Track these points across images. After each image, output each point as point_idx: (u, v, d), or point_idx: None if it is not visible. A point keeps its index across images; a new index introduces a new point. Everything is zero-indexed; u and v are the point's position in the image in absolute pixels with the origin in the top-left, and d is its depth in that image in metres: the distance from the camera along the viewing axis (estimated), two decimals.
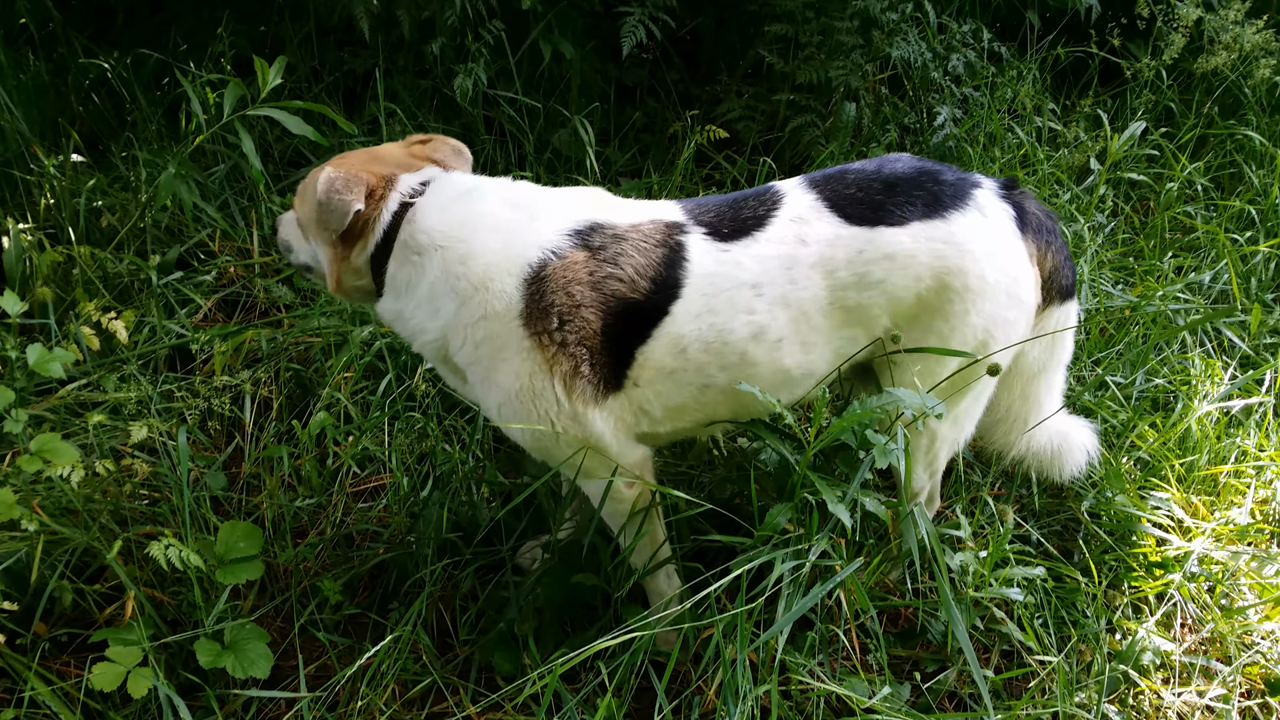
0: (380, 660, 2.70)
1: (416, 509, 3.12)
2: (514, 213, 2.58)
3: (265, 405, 3.50)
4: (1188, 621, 3.16)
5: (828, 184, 2.66)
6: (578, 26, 4.86)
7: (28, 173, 4.02)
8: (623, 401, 2.61)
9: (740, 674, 2.48)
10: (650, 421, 2.67)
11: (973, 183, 2.70)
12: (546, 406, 2.53)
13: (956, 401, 2.82)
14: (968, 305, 2.64)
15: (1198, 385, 3.76)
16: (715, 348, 2.56)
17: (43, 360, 2.52)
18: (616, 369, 2.56)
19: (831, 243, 2.58)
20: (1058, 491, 3.51)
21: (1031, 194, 2.82)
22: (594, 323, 2.49)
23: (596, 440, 2.60)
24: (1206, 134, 5.32)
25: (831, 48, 4.79)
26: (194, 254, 4.03)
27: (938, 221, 2.61)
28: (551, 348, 2.49)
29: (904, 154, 2.85)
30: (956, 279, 2.61)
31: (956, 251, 2.61)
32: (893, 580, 3.10)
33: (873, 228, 2.59)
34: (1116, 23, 5.29)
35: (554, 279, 2.48)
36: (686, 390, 2.62)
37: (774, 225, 2.59)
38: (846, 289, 2.59)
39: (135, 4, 5.18)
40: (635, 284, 2.51)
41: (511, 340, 2.49)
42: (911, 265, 2.59)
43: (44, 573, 2.70)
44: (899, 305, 2.63)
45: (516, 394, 2.52)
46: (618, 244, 2.53)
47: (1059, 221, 2.92)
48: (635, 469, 2.68)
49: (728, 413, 2.72)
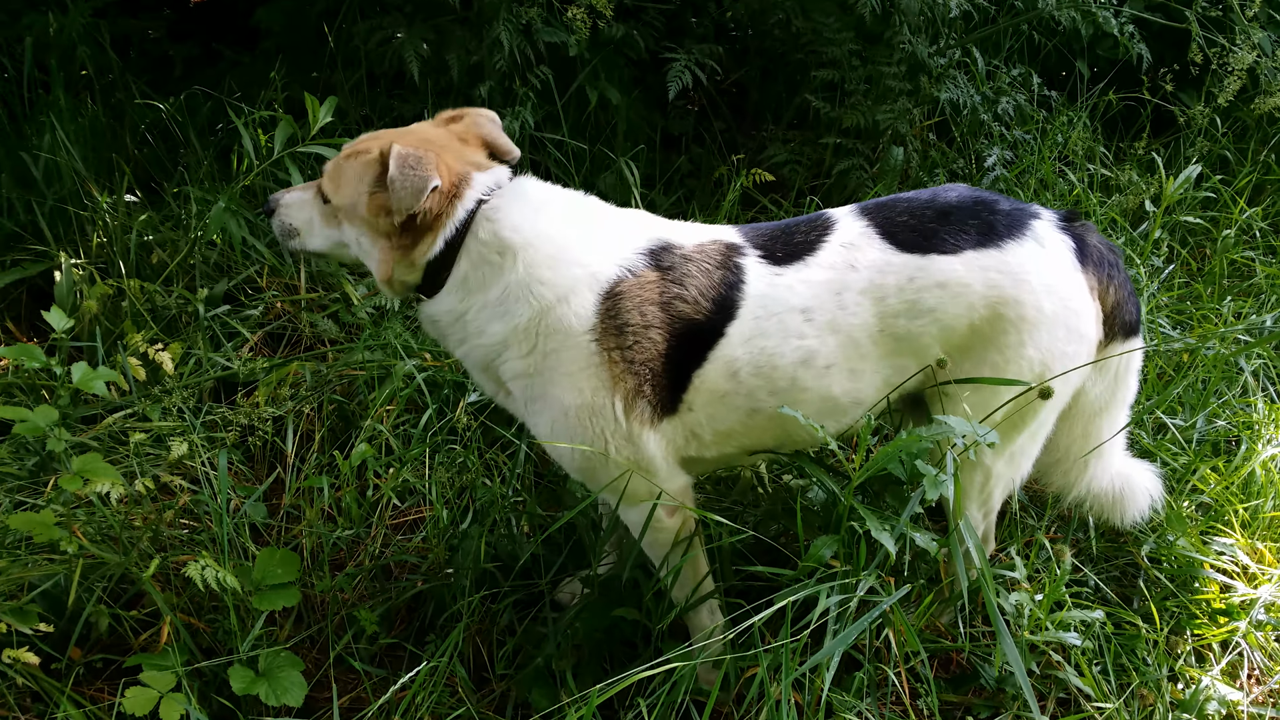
0: (415, 692, 2.64)
1: (456, 541, 3.08)
2: (594, 226, 2.57)
3: (307, 437, 3.49)
4: (1254, 671, 3.02)
5: (879, 211, 2.62)
6: (624, 74, 4.91)
7: (82, 209, 4.09)
8: (676, 425, 2.57)
9: (785, 712, 2.39)
10: (699, 445, 2.62)
11: (1031, 213, 2.65)
12: (604, 425, 2.49)
13: (1012, 438, 2.73)
14: (1023, 337, 2.57)
15: (1261, 429, 3.63)
16: (765, 372, 2.52)
17: (87, 378, 2.53)
18: (674, 392, 2.53)
19: (882, 269, 2.53)
20: (1116, 536, 3.39)
21: (1093, 226, 2.76)
22: (659, 344, 2.47)
23: (647, 463, 2.55)
24: (1264, 181, 5.22)
25: (879, 94, 4.79)
26: (242, 289, 4.06)
27: (992, 250, 2.56)
28: (619, 365, 2.46)
29: (960, 184, 2.81)
30: (1011, 309, 2.55)
31: (1012, 281, 2.54)
32: (944, 623, 2.99)
33: (924, 255, 2.54)
34: (1170, 69, 5.24)
35: (629, 297, 2.45)
36: (735, 415, 2.58)
37: (825, 250, 2.56)
38: (897, 316, 2.54)
39: (192, 55, 5.33)
40: (699, 305, 2.49)
41: (581, 355, 2.45)
42: (965, 294, 2.54)
43: (81, 597, 2.69)
44: (951, 335, 2.57)
45: (576, 410, 2.48)
46: (685, 265, 2.51)
47: (1122, 255, 2.85)
48: (678, 497, 2.62)
49: (773, 440, 2.67)
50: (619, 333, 2.45)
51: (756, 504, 3.30)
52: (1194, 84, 5.41)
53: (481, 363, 2.57)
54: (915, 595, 2.86)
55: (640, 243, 2.53)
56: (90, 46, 4.70)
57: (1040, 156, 4.97)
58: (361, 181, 2.46)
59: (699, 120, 5.35)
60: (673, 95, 4.58)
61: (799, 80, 5.12)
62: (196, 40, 5.44)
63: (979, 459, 2.70)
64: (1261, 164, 5.26)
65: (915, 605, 2.83)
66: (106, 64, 4.80)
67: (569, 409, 2.49)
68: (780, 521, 3.15)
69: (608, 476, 2.57)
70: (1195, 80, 5.36)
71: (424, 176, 2.36)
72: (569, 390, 2.48)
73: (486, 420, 3.53)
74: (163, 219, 4.19)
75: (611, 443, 2.51)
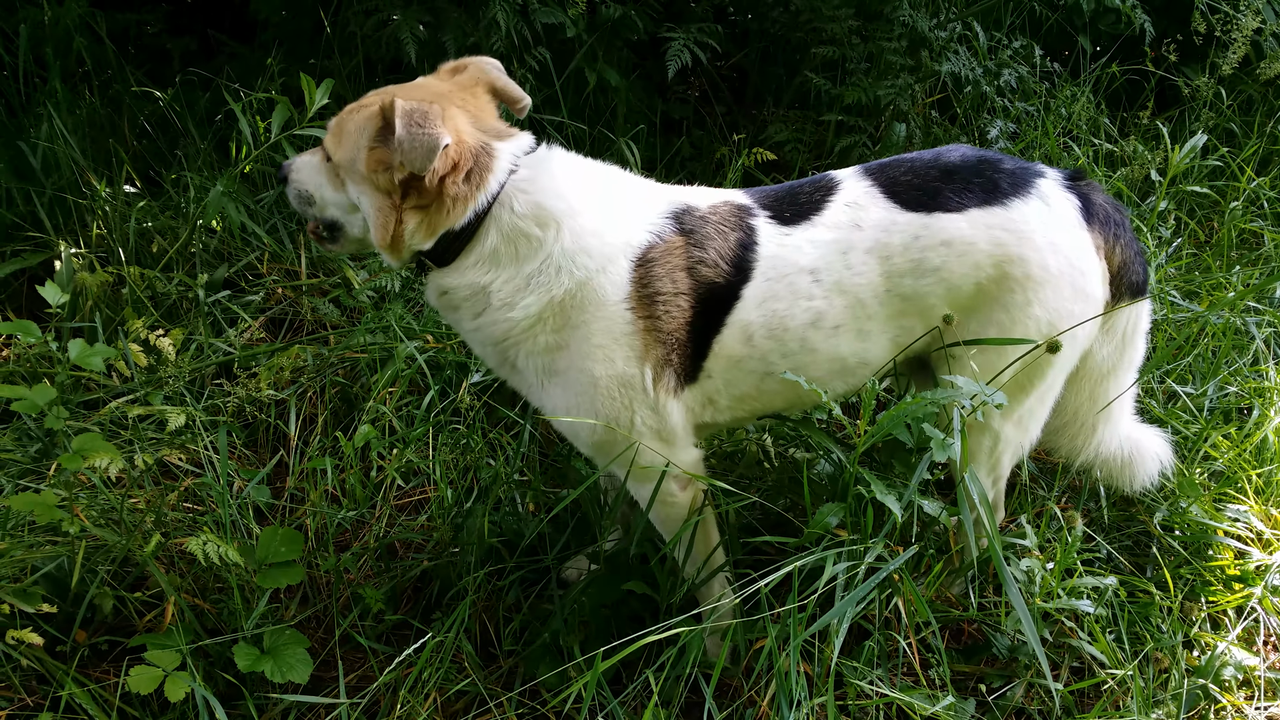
0: (422, 668, 2.62)
1: (460, 520, 3.06)
2: (623, 193, 2.52)
3: (310, 420, 3.47)
4: (1271, 637, 2.99)
5: (883, 171, 2.60)
6: (623, 56, 4.88)
7: (81, 199, 4.07)
8: (695, 393, 2.56)
9: (795, 681, 2.37)
10: (714, 411, 2.61)
11: (1036, 171, 2.62)
12: (632, 395, 2.46)
13: (1020, 401, 2.70)
14: (1029, 296, 2.54)
15: (1273, 396, 3.59)
16: (777, 334, 2.51)
17: (84, 355, 2.50)
18: (696, 360, 2.51)
19: (887, 228, 2.51)
20: (1127, 505, 3.36)
21: (1099, 185, 2.72)
22: (686, 310, 2.45)
23: (669, 433, 2.53)
24: (1271, 151, 5.17)
25: (880, 70, 4.75)
26: (242, 275, 4.04)
27: (997, 209, 2.53)
28: (650, 334, 2.43)
29: (963, 144, 2.78)
30: (1017, 268, 2.52)
31: (1017, 239, 2.52)
32: (955, 594, 2.96)
33: (929, 214, 2.51)
34: (1173, 40, 5.19)
35: (660, 264, 2.43)
36: (750, 379, 2.56)
37: (830, 210, 2.54)
38: (903, 276, 2.51)
39: (190, 49, 5.31)
40: (719, 268, 2.47)
41: (615, 325, 2.41)
42: (970, 253, 2.51)
43: (85, 579, 2.67)
44: (957, 294, 2.54)
45: (606, 381, 2.43)
46: (704, 226, 2.49)
47: (1128, 214, 2.81)
48: (692, 469, 2.60)
49: (784, 403, 2.65)
50: (651, 301, 2.42)
51: (762, 478, 3.27)
52: (1198, 55, 5.37)
53: (498, 338, 2.46)
54: (925, 565, 2.82)
55: (663, 207, 2.50)
56: (87, 38, 4.68)
57: (1044, 130, 4.93)
58: (361, 135, 2.34)
59: (699, 103, 5.32)
60: (672, 75, 4.55)
61: (799, 59, 5.09)
62: (194, 34, 5.42)
63: (987, 422, 2.67)
64: (1269, 135, 5.21)
65: (925, 575, 2.80)
66: (104, 56, 4.78)
67: (599, 380, 2.43)
68: (787, 494, 3.13)
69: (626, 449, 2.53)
70: (1199, 51, 5.32)
71: (434, 134, 2.22)
72: (600, 361, 2.43)
73: (490, 400, 3.50)
74: (162, 207, 4.18)
75: (638, 413, 2.48)
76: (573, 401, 2.48)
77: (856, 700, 2.55)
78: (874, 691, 2.49)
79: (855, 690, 2.53)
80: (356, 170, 2.38)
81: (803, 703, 2.38)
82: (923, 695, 2.51)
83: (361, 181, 2.39)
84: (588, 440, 2.57)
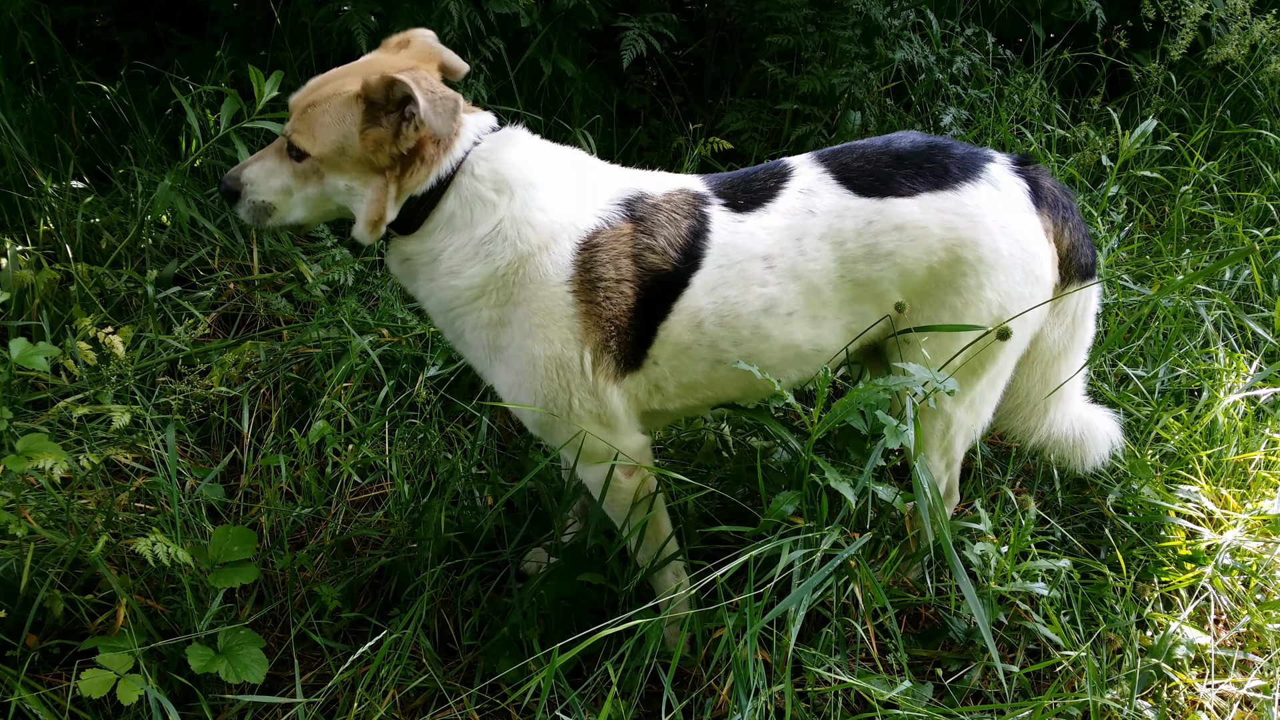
0: (379, 665, 2.60)
1: (418, 515, 3.03)
2: (579, 175, 2.54)
3: (264, 417, 3.43)
4: (1222, 616, 3.03)
5: (835, 157, 2.61)
6: (578, 46, 4.85)
7: (26, 195, 4.00)
8: (639, 379, 2.56)
9: (752, 669, 2.37)
10: (662, 398, 2.61)
11: (984, 156, 2.64)
12: (570, 378, 2.46)
13: (972, 385, 2.72)
14: (981, 279, 2.56)
15: (1222, 377, 3.65)
16: (729, 321, 2.51)
17: (26, 354, 2.45)
18: (639, 347, 2.51)
19: (840, 214, 2.52)
20: (1081, 487, 3.40)
21: (1047, 170, 2.75)
22: (630, 297, 2.45)
23: (609, 418, 2.54)
24: (1220, 135, 5.24)
25: (835, 58, 4.76)
26: (194, 271, 3.98)
27: (948, 193, 2.54)
28: (590, 318, 2.43)
29: (913, 131, 2.79)
30: (969, 251, 2.54)
31: (968, 223, 2.53)
32: (911, 579, 2.98)
33: (881, 199, 2.53)
34: (1124, 26, 5.24)
35: (605, 249, 2.43)
36: (700, 366, 2.56)
37: (784, 197, 2.55)
38: (856, 261, 2.52)
39: (140, 41, 5.22)
40: (667, 255, 2.47)
41: (556, 307, 2.42)
42: (922, 237, 2.52)
43: (34, 582, 2.62)
44: (910, 279, 2.56)
45: (544, 361, 2.45)
46: (655, 214, 2.49)
47: (1075, 199, 2.84)
48: (635, 456, 2.60)
49: (736, 391, 2.65)
50: (593, 286, 2.43)
51: (720, 467, 3.27)
52: (1148, 41, 5.43)
53: (445, 305, 2.50)
54: (881, 551, 2.84)
55: (615, 193, 2.51)
56: (32, 31, 4.59)
57: (997, 117, 4.96)
58: (346, 122, 2.35)
59: (656, 93, 5.30)
60: (627, 64, 4.53)
61: (755, 49, 5.08)
62: (144, 27, 5.33)
63: (939, 406, 2.69)
64: (1217, 119, 5.28)
65: (881, 561, 2.81)
66: (49, 50, 4.69)
67: (537, 360, 2.45)
68: (745, 484, 3.13)
69: (568, 432, 2.54)
70: (1149, 38, 5.38)
71: (449, 94, 2.30)
72: (539, 341, 2.44)
73: (446, 394, 3.48)
74: (110, 203, 4.10)
75: (576, 396, 2.48)
76: (514, 380, 2.50)
77: (815, 687, 2.56)
78: (832, 678, 2.50)
79: (814, 677, 2.54)
80: (348, 157, 2.39)
81: (761, 690, 2.38)
82: (880, 680, 2.53)
83: (352, 167, 2.40)
84: (531, 419, 2.59)
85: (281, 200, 2.50)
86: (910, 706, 2.44)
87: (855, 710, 2.59)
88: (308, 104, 2.41)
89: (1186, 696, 2.76)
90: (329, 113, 2.37)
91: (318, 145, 2.40)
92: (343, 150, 2.38)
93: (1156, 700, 2.71)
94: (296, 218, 2.54)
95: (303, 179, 2.47)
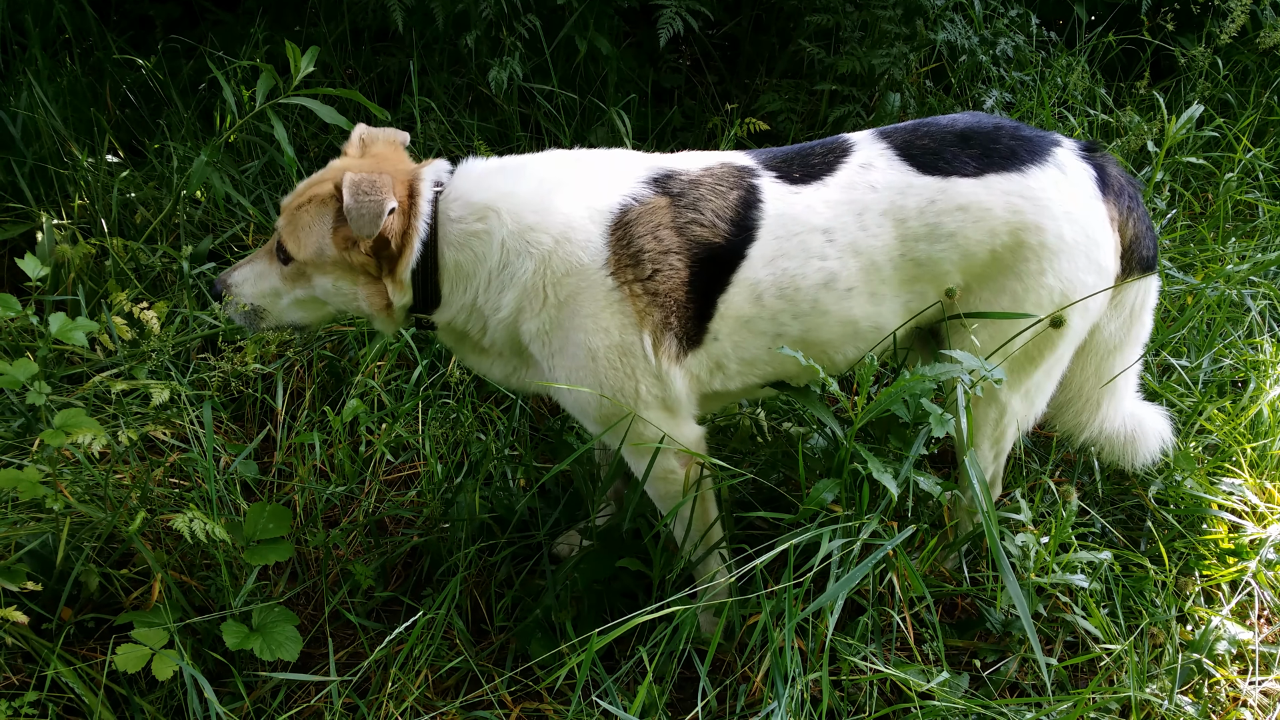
0: (412, 644, 2.59)
1: (450, 495, 3.02)
2: (573, 168, 2.53)
3: (298, 394, 3.43)
4: (1265, 611, 2.98)
5: (899, 134, 2.58)
6: (614, 24, 4.80)
7: (62, 169, 4.00)
8: (701, 358, 2.52)
9: (789, 657, 2.35)
10: (724, 377, 2.58)
11: (1052, 140, 2.59)
12: (634, 363, 2.44)
13: (1029, 374, 2.68)
14: (1044, 265, 2.52)
15: (1268, 369, 3.58)
16: (788, 294, 2.48)
17: (65, 329, 2.45)
18: (699, 322, 2.47)
19: (903, 191, 2.48)
20: (1121, 479, 3.34)
21: (1114, 157, 2.69)
22: (681, 271, 2.42)
23: (674, 402, 2.51)
24: (1267, 122, 5.13)
25: (874, 38, 4.69)
26: (228, 247, 3.98)
27: (1015, 175, 2.50)
28: (644, 298, 2.41)
29: (977, 111, 2.74)
30: (1033, 235, 2.49)
31: (1034, 207, 2.49)
32: (949, 569, 2.95)
33: (946, 178, 2.49)
34: (1170, 8, 5.14)
35: (640, 223, 2.40)
36: (760, 341, 2.53)
37: (843, 171, 2.51)
38: (918, 240, 2.48)
39: (174, 15, 5.21)
40: (715, 227, 2.44)
41: (599, 293, 2.40)
42: (986, 218, 2.48)
43: (70, 556, 2.63)
44: (972, 261, 2.51)
45: (605, 352, 2.42)
46: (695, 189, 2.46)
47: (1141, 188, 2.78)
48: (693, 446, 2.57)
49: (795, 367, 2.61)
50: (635, 262, 2.40)
51: (755, 453, 3.24)
52: (1195, 25, 5.32)
53: (509, 342, 2.52)
54: (919, 540, 2.81)
55: (640, 173, 2.49)
56: (67, 5, 4.59)
57: (1040, 100, 4.87)
58: (321, 223, 2.41)
59: (691, 73, 5.25)
60: (663, 43, 4.48)
61: (792, 28, 5.02)
62: (177, 1, 5.32)
63: (994, 394, 2.65)
64: (1264, 105, 5.17)
65: (919, 550, 2.78)
66: (85, 23, 4.68)
67: (596, 352, 2.42)
68: (781, 469, 3.10)
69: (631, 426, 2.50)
70: (1196, 21, 5.27)
71: (379, 200, 2.30)
72: (594, 332, 2.41)
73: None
74: (145, 177, 4.11)
75: (642, 383, 2.45)
76: (575, 378, 2.47)
77: (850, 676, 2.54)
78: (868, 667, 2.47)
79: (849, 666, 2.52)
80: (326, 258, 2.43)
81: (797, 679, 2.36)
82: (917, 671, 2.50)
83: (333, 269, 2.45)
84: (595, 416, 2.54)
85: (271, 303, 2.56)
86: (947, 697, 2.41)
87: (890, 700, 2.56)
88: (295, 205, 2.47)
89: (1228, 693, 2.72)
90: (309, 214, 2.44)
91: (302, 250, 2.46)
92: (322, 251, 2.44)
93: (1197, 696, 2.67)
94: (293, 320, 2.59)
95: (291, 281, 2.52)
